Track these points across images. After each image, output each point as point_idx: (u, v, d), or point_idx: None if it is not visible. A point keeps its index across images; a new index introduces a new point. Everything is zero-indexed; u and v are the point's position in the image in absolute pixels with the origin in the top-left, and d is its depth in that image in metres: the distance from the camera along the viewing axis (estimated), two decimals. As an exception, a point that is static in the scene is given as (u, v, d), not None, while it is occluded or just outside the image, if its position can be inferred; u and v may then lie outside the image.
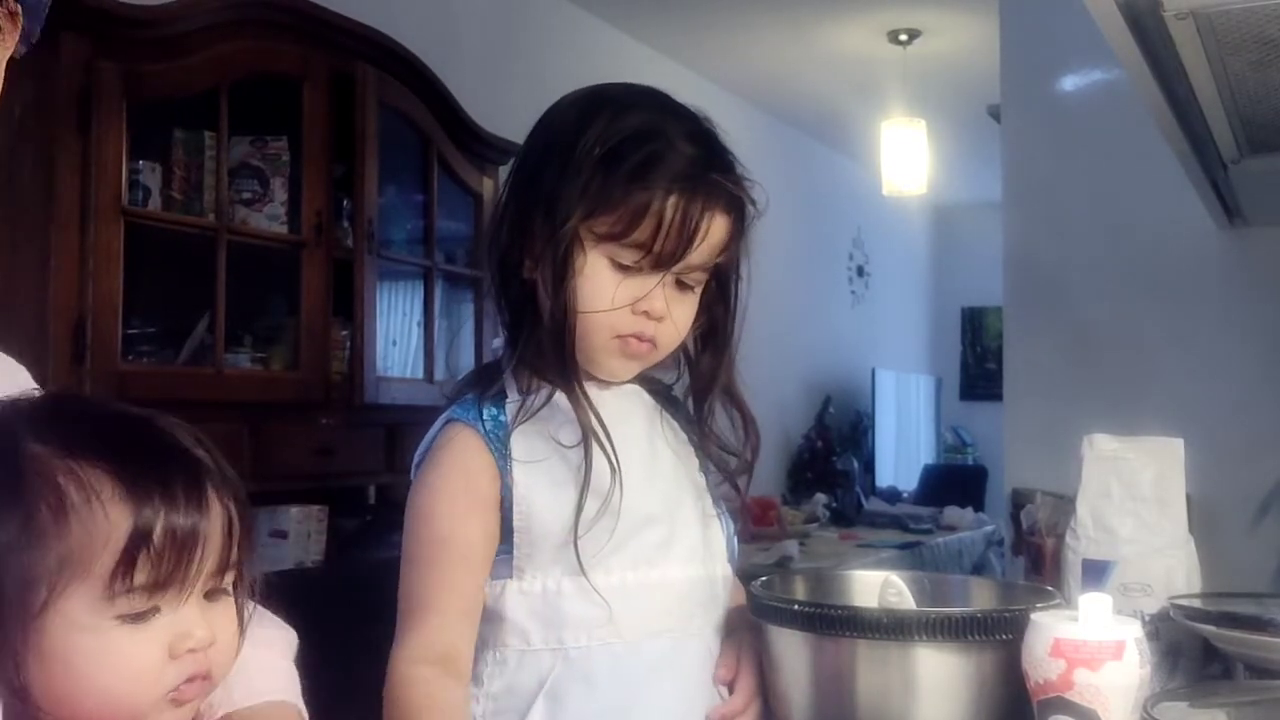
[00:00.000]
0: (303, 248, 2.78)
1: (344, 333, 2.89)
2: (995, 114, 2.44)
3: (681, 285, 1.09)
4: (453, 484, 1.08)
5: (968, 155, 5.84)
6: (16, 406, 0.77)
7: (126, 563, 0.73)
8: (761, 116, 5.95)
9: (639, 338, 1.08)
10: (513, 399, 1.10)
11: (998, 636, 1.01)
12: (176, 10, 2.49)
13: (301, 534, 2.72)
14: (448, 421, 1.11)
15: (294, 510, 2.71)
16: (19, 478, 0.72)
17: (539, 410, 1.08)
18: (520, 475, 1.07)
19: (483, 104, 3.42)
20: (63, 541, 0.72)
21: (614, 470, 1.06)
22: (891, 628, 1.02)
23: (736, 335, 1.17)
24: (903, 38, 4.82)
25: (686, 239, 1.04)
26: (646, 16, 4.68)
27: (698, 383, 1.16)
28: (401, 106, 3.09)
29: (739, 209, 1.09)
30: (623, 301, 1.05)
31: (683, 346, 1.15)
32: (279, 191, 2.76)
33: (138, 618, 0.74)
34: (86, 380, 2.26)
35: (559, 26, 4.42)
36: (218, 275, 2.58)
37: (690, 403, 1.18)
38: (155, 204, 2.52)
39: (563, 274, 1.04)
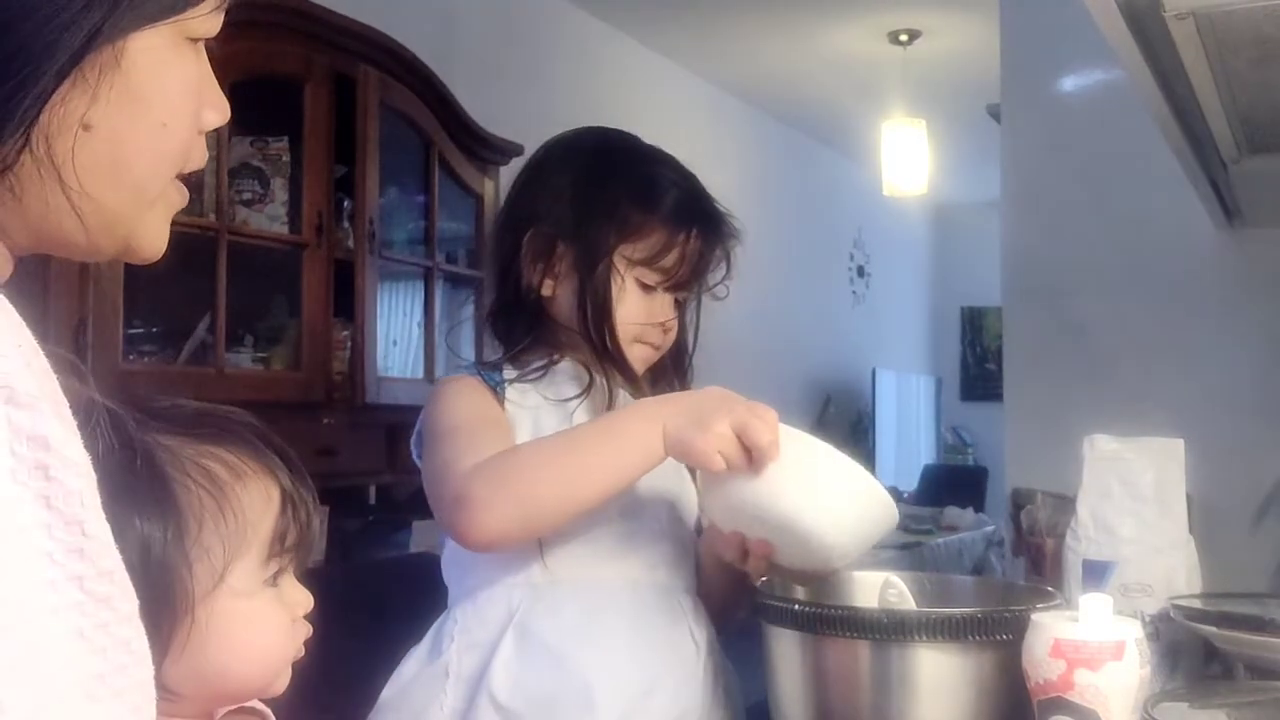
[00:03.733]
0: (304, 248, 2.78)
1: (345, 333, 2.90)
2: (995, 114, 2.44)
3: (676, 302, 1.29)
4: (470, 389, 1.23)
5: (968, 155, 5.84)
6: (108, 407, 0.79)
7: (283, 527, 0.78)
8: (762, 117, 5.95)
9: (654, 346, 1.27)
10: (509, 371, 1.26)
11: (998, 636, 1.02)
12: (177, 11, 2.49)
13: (302, 534, 2.72)
14: (447, 376, 1.30)
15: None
16: (158, 470, 0.73)
17: (534, 377, 1.24)
18: (509, 413, 1.21)
19: (483, 105, 3.42)
20: (229, 519, 0.75)
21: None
22: (891, 628, 1.02)
23: (692, 351, 1.34)
24: (903, 38, 4.83)
25: (703, 268, 1.27)
26: (647, 18, 4.68)
27: (657, 391, 1.30)
28: (402, 107, 3.09)
29: (728, 246, 1.30)
30: (647, 318, 1.25)
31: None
32: (280, 192, 2.76)
33: (275, 580, 0.79)
34: (87, 381, 2.26)
35: (559, 28, 4.42)
36: (218, 276, 2.58)
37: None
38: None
39: (605, 295, 1.22)
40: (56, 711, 0.48)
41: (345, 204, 2.93)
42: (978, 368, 8.19)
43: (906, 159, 4.93)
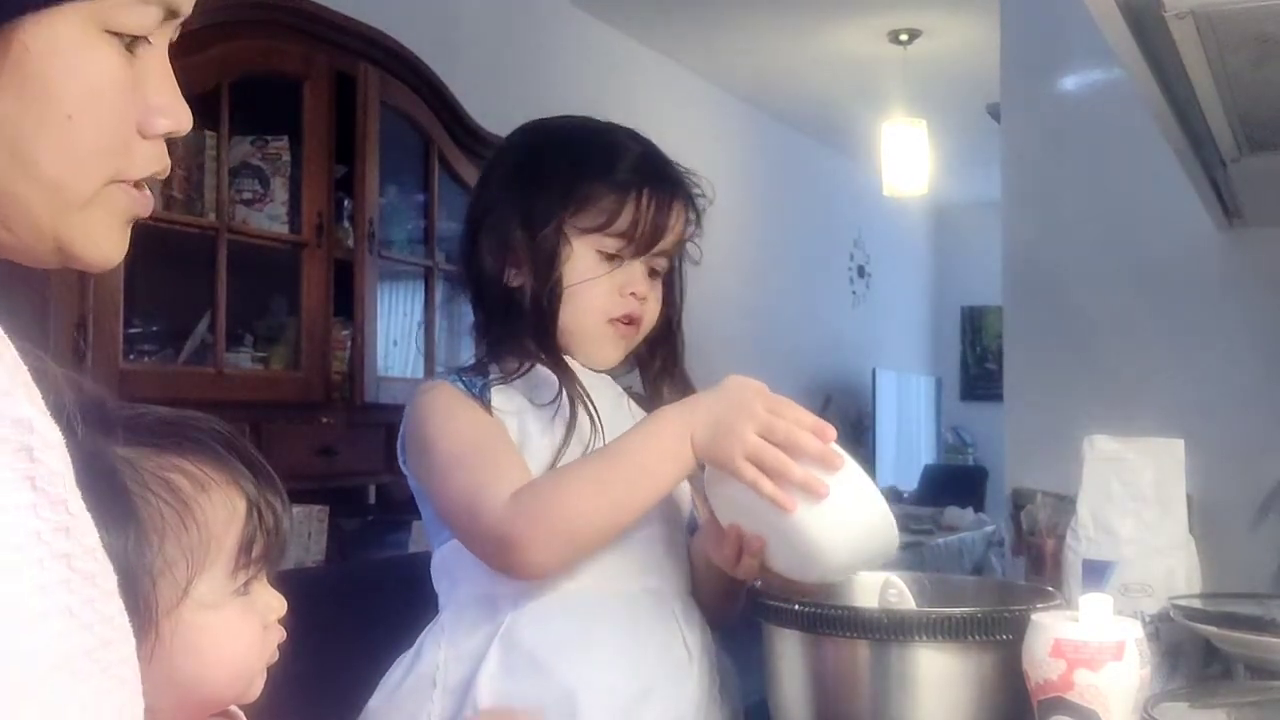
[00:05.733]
0: (303, 247, 2.78)
1: (345, 332, 2.90)
2: (995, 114, 2.44)
3: (653, 273, 1.24)
4: (456, 400, 1.19)
5: (968, 155, 5.84)
6: (78, 413, 0.77)
7: (249, 537, 0.77)
8: (762, 117, 5.95)
9: (628, 319, 1.22)
10: (492, 374, 1.21)
11: (998, 636, 1.02)
12: (177, 10, 2.49)
13: (301, 534, 2.72)
14: (424, 383, 1.25)
15: (294, 510, 2.71)
16: (120, 485, 0.71)
17: (515, 379, 1.20)
18: (496, 418, 1.18)
19: (483, 104, 3.42)
20: (191, 532, 0.74)
21: (593, 421, 1.18)
22: (891, 628, 1.02)
23: (679, 320, 1.30)
24: (903, 38, 4.83)
25: (661, 226, 1.21)
26: (647, 17, 4.69)
27: (651, 370, 1.28)
28: (402, 106, 3.09)
29: (693, 201, 1.26)
30: (611, 286, 1.20)
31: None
32: (280, 191, 2.76)
33: (244, 588, 0.78)
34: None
35: (559, 27, 4.42)
36: (218, 275, 2.58)
37: (644, 389, 1.29)
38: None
39: (550, 266, 1.18)
40: (42, 689, 0.48)
41: (345, 203, 2.93)
42: (978, 368, 8.19)
43: (907, 159, 4.93)
